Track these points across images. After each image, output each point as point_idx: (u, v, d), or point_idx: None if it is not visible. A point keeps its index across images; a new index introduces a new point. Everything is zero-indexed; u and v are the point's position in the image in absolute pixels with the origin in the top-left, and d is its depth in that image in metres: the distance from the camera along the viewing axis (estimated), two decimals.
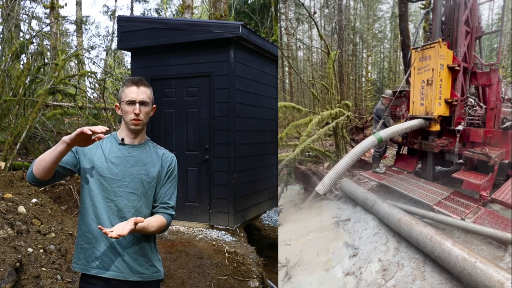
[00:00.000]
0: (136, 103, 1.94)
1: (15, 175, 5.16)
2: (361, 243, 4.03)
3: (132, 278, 1.96)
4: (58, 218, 4.46)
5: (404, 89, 6.26)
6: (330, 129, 6.64)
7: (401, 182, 5.46)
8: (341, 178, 5.13)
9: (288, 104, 7.34)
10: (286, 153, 6.76)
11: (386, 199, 4.97)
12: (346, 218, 4.78)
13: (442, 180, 5.73)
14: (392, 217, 4.11)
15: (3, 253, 3.22)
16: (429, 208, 4.43)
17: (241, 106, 5.79)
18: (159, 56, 5.97)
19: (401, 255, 3.69)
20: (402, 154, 6.61)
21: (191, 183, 5.79)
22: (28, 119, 7.02)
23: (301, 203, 5.54)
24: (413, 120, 5.36)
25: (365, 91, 16.24)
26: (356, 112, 12.34)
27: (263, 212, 6.75)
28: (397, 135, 5.67)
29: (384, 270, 3.46)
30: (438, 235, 3.40)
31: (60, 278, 3.41)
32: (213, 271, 4.29)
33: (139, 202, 1.98)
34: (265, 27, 12.49)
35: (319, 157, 7.71)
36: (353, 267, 3.58)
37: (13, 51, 7.84)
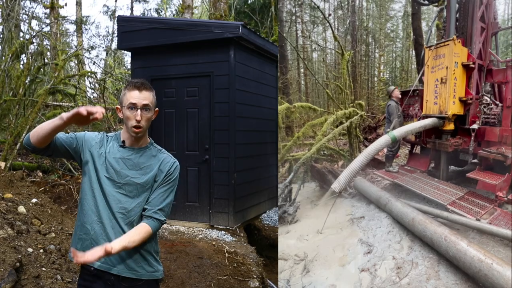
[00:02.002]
0: (138, 109, 1.91)
1: (15, 175, 5.16)
2: (375, 240, 4.08)
3: (125, 274, 1.96)
4: (58, 218, 4.46)
5: (417, 88, 6.22)
6: (344, 128, 6.77)
7: (414, 181, 5.44)
8: (355, 176, 5.20)
9: (305, 105, 7.45)
10: (302, 152, 6.88)
11: (399, 198, 4.98)
12: (360, 216, 4.84)
13: (456, 180, 5.66)
14: (406, 215, 4.12)
15: (3, 253, 3.22)
16: (443, 208, 4.41)
17: (241, 106, 5.79)
18: (159, 56, 5.97)
19: (415, 254, 3.70)
20: (415, 153, 6.56)
21: (191, 183, 5.79)
22: (28, 119, 7.02)
23: (317, 200, 5.63)
24: (426, 119, 5.32)
25: (378, 91, 16.38)
26: (369, 111, 12.48)
27: (263, 212, 6.75)
28: (411, 134, 5.66)
29: (398, 268, 3.48)
30: (453, 235, 3.38)
31: (60, 278, 3.41)
32: (213, 271, 4.29)
33: (131, 205, 1.97)
34: (265, 27, 12.49)
35: (333, 156, 7.85)
36: (367, 264, 3.62)
37: (13, 51, 7.84)
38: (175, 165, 2.07)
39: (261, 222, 6.59)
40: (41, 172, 7.58)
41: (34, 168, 7.65)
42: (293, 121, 9.54)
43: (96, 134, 2.06)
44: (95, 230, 1.94)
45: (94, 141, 2.01)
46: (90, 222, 1.95)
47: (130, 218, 1.96)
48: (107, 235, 1.93)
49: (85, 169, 1.99)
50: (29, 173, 7.28)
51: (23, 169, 7.04)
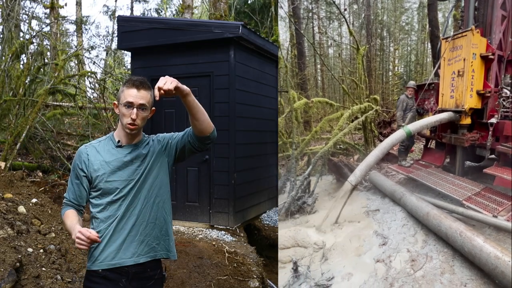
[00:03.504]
0: (134, 108, 1.91)
1: (15, 175, 5.16)
2: (390, 233, 4.14)
3: (143, 260, 2.00)
4: (58, 218, 4.46)
5: (433, 81, 6.06)
6: (359, 123, 6.86)
7: (429, 176, 5.37)
8: (370, 170, 5.28)
9: (322, 100, 7.61)
10: (320, 146, 7.04)
11: (414, 192, 4.97)
12: (376, 209, 4.90)
13: (472, 175, 5.54)
14: (421, 210, 4.11)
15: (3, 253, 3.22)
16: (458, 203, 4.37)
17: (241, 106, 5.79)
18: (159, 56, 5.97)
19: (429, 248, 3.71)
20: (430, 148, 6.43)
21: (191, 183, 5.79)
22: (28, 119, 7.02)
23: (334, 192, 5.76)
24: (442, 113, 5.21)
25: (392, 85, 16.34)
26: (384, 106, 12.53)
27: (263, 212, 6.75)
28: (426, 129, 5.59)
29: (412, 261, 3.50)
30: (469, 230, 3.35)
31: (60, 278, 3.41)
32: (213, 271, 4.29)
33: (152, 191, 2.01)
34: (265, 27, 12.49)
35: (349, 150, 7.99)
36: (382, 255, 3.68)
37: (13, 51, 7.83)
38: (151, 138, 2.15)
39: (261, 222, 6.59)
40: (41, 172, 7.58)
41: (34, 168, 7.65)
42: (311, 116, 9.74)
43: (84, 151, 2.03)
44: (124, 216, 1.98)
45: (88, 159, 2.00)
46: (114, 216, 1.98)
47: (162, 197, 2.04)
48: (142, 213, 1.99)
49: (97, 186, 1.99)
50: (29, 173, 7.28)
51: (23, 169, 7.04)
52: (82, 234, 1.73)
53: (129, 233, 1.97)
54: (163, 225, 2.07)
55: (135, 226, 1.98)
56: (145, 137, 2.11)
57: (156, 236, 2.04)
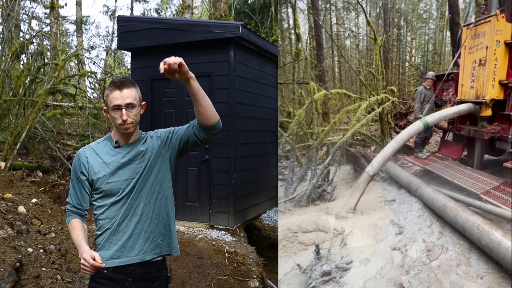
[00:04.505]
0: (122, 109, 1.90)
1: (15, 175, 5.16)
2: (406, 223, 4.15)
3: (149, 257, 2.00)
4: (58, 218, 4.46)
5: (452, 71, 5.79)
6: (376, 114, 6.90)
7: (445, 168, 5.26)
8: (387, 161, 5.34)
9: (341, 91, 7.66)
10: (338, 137, 7.13)
11: (430, 184, 4.94)
12: (392, 199, 4.92)
13: (490, 169, 5.32)
14: (437, 202, 4.07)
15: (3, 253, 3.22)
16: (476, 197, 4.29)
17: (241, 106, 5.79)
18: (159, 56, 5.90)
19: (445, 239, 3.70)
20: (447, 141, 6.26)
21: (191, 183, 5.79)
22: (28, 119, 7.02)
23: (351, 182, 5.84)
24: (461, 104, 5.05)
25: (409, 76, 15.99)
26: (400, 97, 12.23)
27: (263, 212, 6.75)
28: (444, 121, 5.48)
29: (428, 251, 3.51)
30: (487, 224, 3.32)
31: (60, 278, 3.41)
32: (213, 271, 4.29)
33: (154, 188, 2.01)
34: (265, 27, 12.49)
35: (366, 141, 8.05)
36: (398, 244, 3.71)
37: (13, 51, 7.84)
38: (149, 134, 2.11)
39: (261, 222, 6.59)
40: (41, 172, 7.59)
41: (34, 168, 7.65)
42: (329, 107, 9.86)
43: (83, 154, 2.02)
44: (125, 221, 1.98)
45: (86, 162, 1.99)
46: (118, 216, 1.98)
47: (164, 193, 2.04)
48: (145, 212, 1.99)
49: (99, 188, 1.99)
50: (29, 173, 7.28)
51: (23, 169, 7.04)
52: (86, 261, 1.75)
53: (133, 231, 1.97)
54: (166, 221, 2.08)
55: (139, 224, 1.98)
56: (142, 134, 2.10)
57: (161, 232, 2.05)
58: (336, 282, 3.11)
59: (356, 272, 3.27)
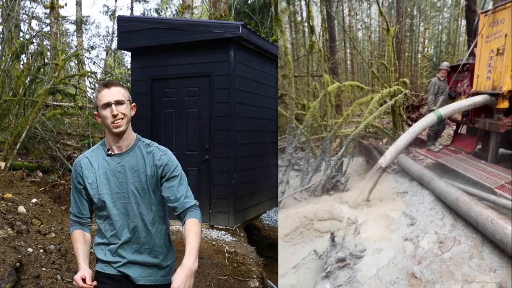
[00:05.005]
0: (112, 105, 1.88)
1: (15, 175, 5.16)
2: (418, 214, 4.15)
3: (141, 282, 2.00)
4: (58, 218, 4.46)
5: (468, 62, 5.58)
6: (388, 107, 6.85)
7: (459, 161, 5.17)
8: (399, 154, 5.30)
9: (353, 83, 7.55)
10: (350, 129, 7.18)
11: (443, 177, 4.90)
12: (404, 191, 4.92)
13: (505, 163, 5.12)
14: (450, 195, 4.02)
15: (3, 253, 3.22)
16: (490, 191, 4.23)
17: (241, 106, 5.79)
18: (159, 56, 5.97)
19: (457, 232, 3.68)
20: (460, 134, 6.14)
21: (191, 183, 5.72)
22: (28, 119, 7.02)
23: (364, 174, 5.90)
24: (476, 96, 4.84)
25: (421, 68, 15.51)
26: (412, 89, 11.95)
27: (263, 212, 6.75)
28: (458, 113, 5.31)
29: (440, 243, 3.51)
30: (501, 218, 3.26)
31: (60, 278, 3.41)
32: (213, 271, 4.29)
33: (139, 209, 1.97)
34: (265, 27, 12.49)
35: (378, 134, 8.05)
36: (411, 235, 3.73)
37: (13, 51, 7.84)
38: (164, 156, 2.01)
39: (261, 222, 6.59)
40: (41, 172, 7.59)
41: (34, 168, 7.65)
42: (342, 100, 9.78)
43: (78, 164, 2.00)
44: (116, 246, 1.97)
45: (82, 172, 1.98)
46: (112, 239, 1.98)
47: (144, 221, 1.99)
48: (128, 245, 1.98)
49: (93, 198, 1.99)
50: (29, 173, 7.28)
51: (23, 169, 7.04)
52: (76, 282, 1.81)
53: (131, 246, 1.99)
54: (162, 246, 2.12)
55: (135, 239, 1.99)
56: (139, 142, 2.02)
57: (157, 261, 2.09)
58: (350, 269, 3.18)
59: (369, 260, 3.31)
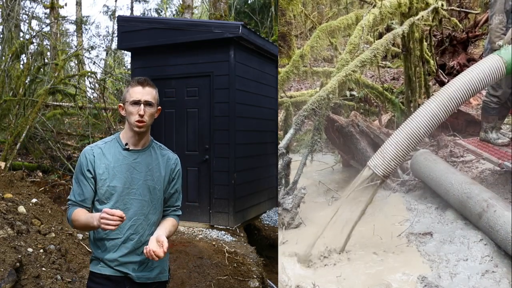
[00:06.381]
0: (141, 104, 1.90)
1: (15, 175, 5.16)
2: (454, 285, 2.24)
3: (139, 280, 1.98)
4: (58, 218, 4.46)
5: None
6: (395, 38, 3.34)
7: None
8: (415, 149, 2.83)
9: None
10: (309, 90, 3.89)
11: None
12: (425, 231, 2.76)
13: None
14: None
15: (3, 253, 3.22)
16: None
17: (241, 106, 5.79)
18: (159, 56, 5.97)
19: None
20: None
21: (191, 183, 5.79)
22: (28, 119, 7.02)
23: (337, 189, 3.36)
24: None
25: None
26: (454, 1, 5.78)
27: (263, 212, 6.75)
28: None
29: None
30: None
31: (60, 278, 3.41)
32: (213, 271, 4.29)
33: (147, 209, 1.98)
34: (265, 27, 12.49)
35: (371, 102, 4.37)
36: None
37: (13, 51, 7.84)
38: (177, 162, 2.19)
39: (261, 222, 6.59)
40: (41, 172, 7.59)
41: (34, 168, 7.65)
42: (292, 22, 4.79)
43: (89, 152, 1.97)
44: (118, 242, 1.95)
45: (93, 160, 1.96)
46: (113, 235, 1.95)
47: (149, 222, 1.99)
48: (130, 243, 1.96)
49: (100, 189, 1.97)
50: (29, 173, 7.28)
51: (23, 169, 7.04)
52: (107, 214, 1.68)
53: (131, 244, 1.96)
54: None
55: (137, 237, 1.97)
56: (153, 143, 2.09)
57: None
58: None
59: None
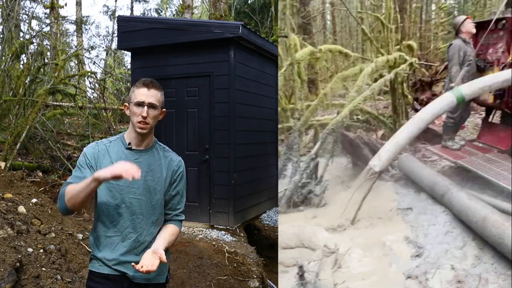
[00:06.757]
0: (145, 106, 1.90)
1: (15, 175, 5.16)
2: (427, 241, 3.15)
3: (138, 280, 1.98)
4: (58, 218, 4.46)
5: (504, 16, 4.10)
6: (386, 83, 5.14)
7: (488, 164, 3.87)
8: (400, 152, 4.03)
9: (334, 48, 5.36)
10: (330, 116, 5.39)
11: (465, 187, 3.72)
12: (407, 207, 3.77)
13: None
14: (474, 213, 3.03)
15: (3, 253, 3.22)
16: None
17: (241, 106, 5.79)
18: (159, 56, 5.97)
19: (484, 267, 2.77)
20: (492, 123, 4.63)
21: (191, 183, 5.79)
22: (28, 119, 7.02)
23: (349, 181, 4.50)
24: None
25: (436, 26, 10.78)
26: (423, 58, 8.40)
27: (263, 212, 6.75)
28: (488, 92, 3.96)
29: (459, 282, 2.66)
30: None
31: (60, 278, 3.42)
32: (213, 271, 4.29)
33: (146, 208, 1.97)
34: (265, 27, 12.49)
35: (370, 123, 6.04)
36: (415, 270, 2.83)
37: (13, 51, 7.84)
38: (181, 164, 2.14)
39: (261, 222, 6.59)
40: (41, 172, 7.58)
41: (34, 168, 7.65)
42: (318, 72, 7.23)
43: (95, 147, 1.99)
44: (116, 240, 1.95)
45: (98, 156, 1.97)
46: (111, 232, 1.95)
47: (147, 222, 1.98)
48: (128, 242, 1.95)
49: (100, 186, 1.94)
50: (29, 173, 7.28)
51: (23, 169, 7.03)
52: (122, 165, 1.69)
53: (129, 243, 1.95)
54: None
55: (135, 236, 1.96)
56: (157, 144, 2.10)
57: None
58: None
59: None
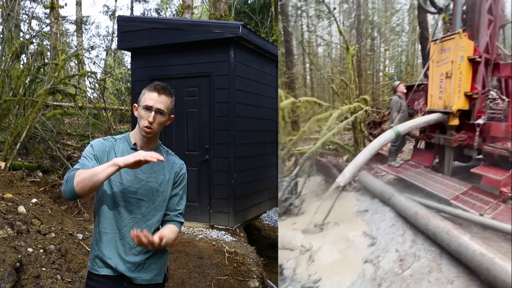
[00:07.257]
0: (152, 111, 1.91)
1: (15, 175, 5.16)
2: (379, 233, 4.12)
3: (137, 281, 1.98)
4: (58, 218, 4.46)
5: (423, 82, 6.12)
6: (349, 123, 6.85)
7: (418, 176, 5.40)
8: (359, 170, 5.26)
9: (310, 99, 7.40)
10: (308, 146, 6.93)
11: (403, 192, 5.00)
12: (365, 209, 4.86)
13: (460, 175, 5.55)
14: (409, 210, 4.12)
15: (3, 253, 3.22)
16: (447, 203, 4.42)
17: (241, 106, 5.79)
18: (159, 56, 5.97)
19: (417, 247, 3.73)
20: (420, 149, 6.50)
21: (191, 183, 5.79)
22: (28, 119, 7.02)
23: (322, 194, 5.64)
24: (431, 114, 5.28)
25: (383, 86, 16.16)
26: (374, 106, 12.13)
27: (263, 212, 6.75)
28: (415, 129, 5.63)
29: (401, 260, 3.53)
30: (455, 229, 3.41)
31: (60, 278, 3.42)
32: (213, 271, 4.29)
33: (147, 209, 1.98)
34: (265, 27, 12.49)
35: (338, 150, 7.93)
36: (371, 256, 3.66)
37: (13, 51, 7.84)
38: (183, 167, 2.13)
39: (261, 222, 6.59)
40: (41, 172, 7.58)
41: (34, 168, 7.65)
42: (299, 115, 9.44)
43: (103, 142, 2.00)
44: (114, 237, 1.95)
45: (105, 150, 1.97)
46: (110, 229, 1.95)
47: (147, 223, 1.98)
48: (126, 241, 1.95)
49: (104, 184, 1.95)
50: (29, 173, 7.28)
51: (23, 169, 7.03)
52: (142, 153, 1.71)
53: (128, 241, 1.95)
54: None
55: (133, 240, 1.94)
56: (160, 147, 2.11)
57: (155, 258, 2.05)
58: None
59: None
